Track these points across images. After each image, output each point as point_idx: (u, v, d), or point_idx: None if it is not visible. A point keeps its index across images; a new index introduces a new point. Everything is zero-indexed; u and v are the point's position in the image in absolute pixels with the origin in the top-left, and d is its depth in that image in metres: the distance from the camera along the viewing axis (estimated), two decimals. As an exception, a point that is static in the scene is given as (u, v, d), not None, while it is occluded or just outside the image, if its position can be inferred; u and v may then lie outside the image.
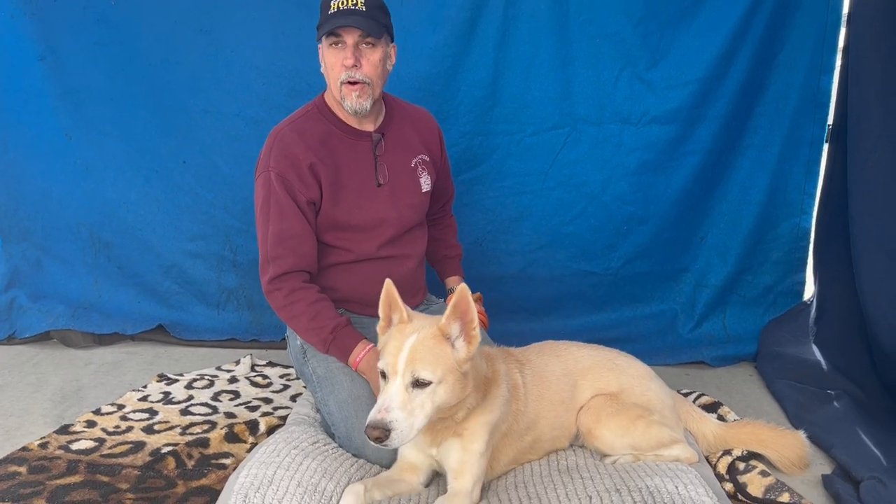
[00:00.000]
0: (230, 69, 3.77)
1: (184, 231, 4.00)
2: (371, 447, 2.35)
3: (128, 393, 3.22)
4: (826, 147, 3.73)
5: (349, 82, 2.48)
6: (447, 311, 2.03)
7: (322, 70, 2.61)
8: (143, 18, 3.73)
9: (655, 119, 3.68)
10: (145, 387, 3.30)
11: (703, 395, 3.20)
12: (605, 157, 3.76)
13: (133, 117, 3.86)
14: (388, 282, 2.10)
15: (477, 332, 2.05)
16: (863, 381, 3.35)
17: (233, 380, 3.39)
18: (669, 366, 3.72)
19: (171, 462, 2.56)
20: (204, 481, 2.45)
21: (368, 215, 2.63)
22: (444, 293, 3.13)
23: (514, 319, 3.90)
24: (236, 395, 3.23)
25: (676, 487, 2.10)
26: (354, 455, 2.37)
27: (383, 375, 2.01)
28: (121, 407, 3.06)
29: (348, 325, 2.50)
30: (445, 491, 2.19)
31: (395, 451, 2.33)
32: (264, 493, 2.03)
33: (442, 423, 2.13)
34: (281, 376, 3.46)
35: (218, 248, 4.02)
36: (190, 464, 2.57)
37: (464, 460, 2.15)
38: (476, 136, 3.75)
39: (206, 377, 3.41)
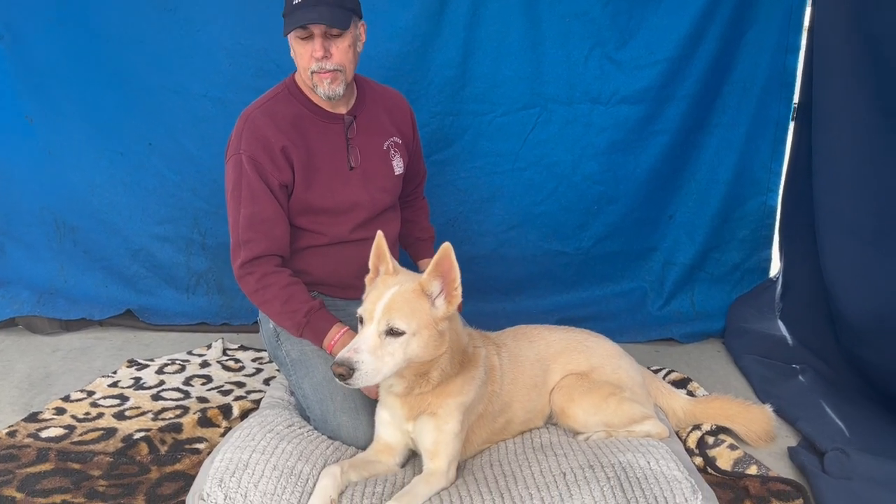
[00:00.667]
0: (196, 48, 3.70)
1: (151, 214, 3.94)
2: (346, 428, 2.37)
3: (98, 379, 3.17)
4: (792, 126, 3.78)
5: (320, 72, 2.46)
6: (429, 268, 2.07)
7: (292, 55, 2.57)
8: (106, -5, 3.64)
9: (625, 99, 3.70)
10: (115, 372, 3.25)
11: (672, 371, 3.25)
12: (575, 137, 3.77)
13: (96, 98, 3.77)
14: (379, 233, 2.16)
15: (458, 292, 2.09)
16: (827, 355, 3.43)
17: (204, 364, 3.36)
18: (639, 343, 3.78)
19: (144, 448, 2.53)
20: (178, 466, 2.43)
21: (341, 199, 2.61)
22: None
23: (485, 300, 3.92)
24: (208, 379, 3.20)
25: (648, 463, 2.14)
26: (330, 437, 2.37)
27: (361, 321, 2.05)
28: (90, 393, 3.02)
29: (321, 308, 2.49)
30: (421, 471, 2.21)
31: (371, 432, 2.35)
32: (240, 476, 2.02)
33: (418, 388, 2.16)
34: (253, 360, 3.44)
35: (186, 231, 3.96)
36: (163, 449, 2.55)
37: (438, 440, 2.16)
38: (447, 117, 3.74)
39: (178, 362, 3.37)
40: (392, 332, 2.00)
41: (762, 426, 2.71)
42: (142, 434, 2.63)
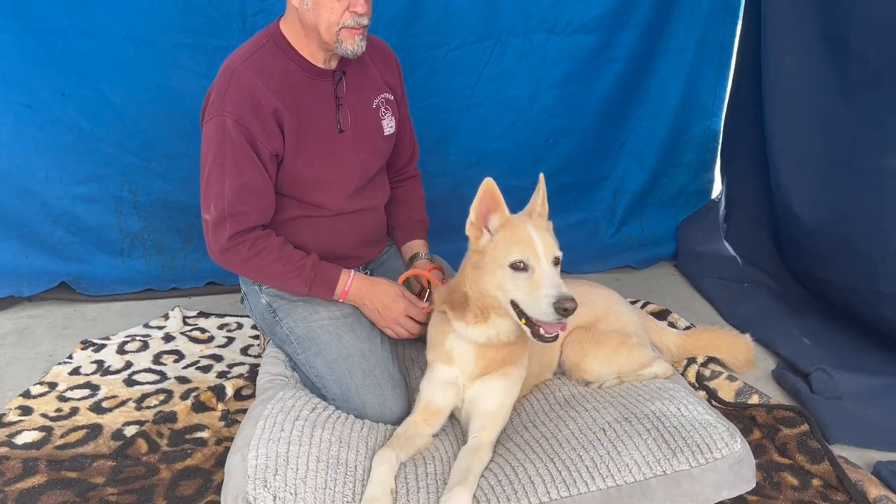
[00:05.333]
0: (110, -18, 3.25)
1: (71, 173, 3.52)
2: (372, 405, 2.27)
3: (54, 368, 2.85)
4: (735, 49, 3.86)
5: (355, 27, 2.22)
6: (541, 201, 2.19)
7: (304, 7, 2.24)
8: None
9: (580, 28, 3.64)
10: (71, 357, 2.94)
11: (649, 303, 3.34)
12: (531, 69, 3.69)
13: (-7, 43, 3.27)
14: (490, 181, 2.02)
15: None
16: (773, 271, 3.66)
17: (168, 338, 3.11)
18: (600, 273, 3.85)
19: (143, 445, 2.32)
20: (189, 462, 2.25)
21: (331, 164, 2.41)
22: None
23: (445, 241, 3.75)
24: (179, 355, 2.97)
25: (679, 409, 2.18)
26: (355, 415, 2.27)
27: (520, 268, 1.95)
28: (52, 385, 2.72)
29: (320, 259, 2.36)
30: (449, 440, 2.19)
31: (397, 406, 2.29)
32: (284, 473, 1.89)
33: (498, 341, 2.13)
34: (220, 327, 3.22)
35: (114, 190, 3.59)
36: (163, 443, 2.36)
37: (504, 405, 2.16)
38: (399, 52, 3.38)
39: (137, 338, 3.10)
40: (556, 263, 2.00)
41: (745, 355, 2.86)
42: (135, 429, 2.42)
